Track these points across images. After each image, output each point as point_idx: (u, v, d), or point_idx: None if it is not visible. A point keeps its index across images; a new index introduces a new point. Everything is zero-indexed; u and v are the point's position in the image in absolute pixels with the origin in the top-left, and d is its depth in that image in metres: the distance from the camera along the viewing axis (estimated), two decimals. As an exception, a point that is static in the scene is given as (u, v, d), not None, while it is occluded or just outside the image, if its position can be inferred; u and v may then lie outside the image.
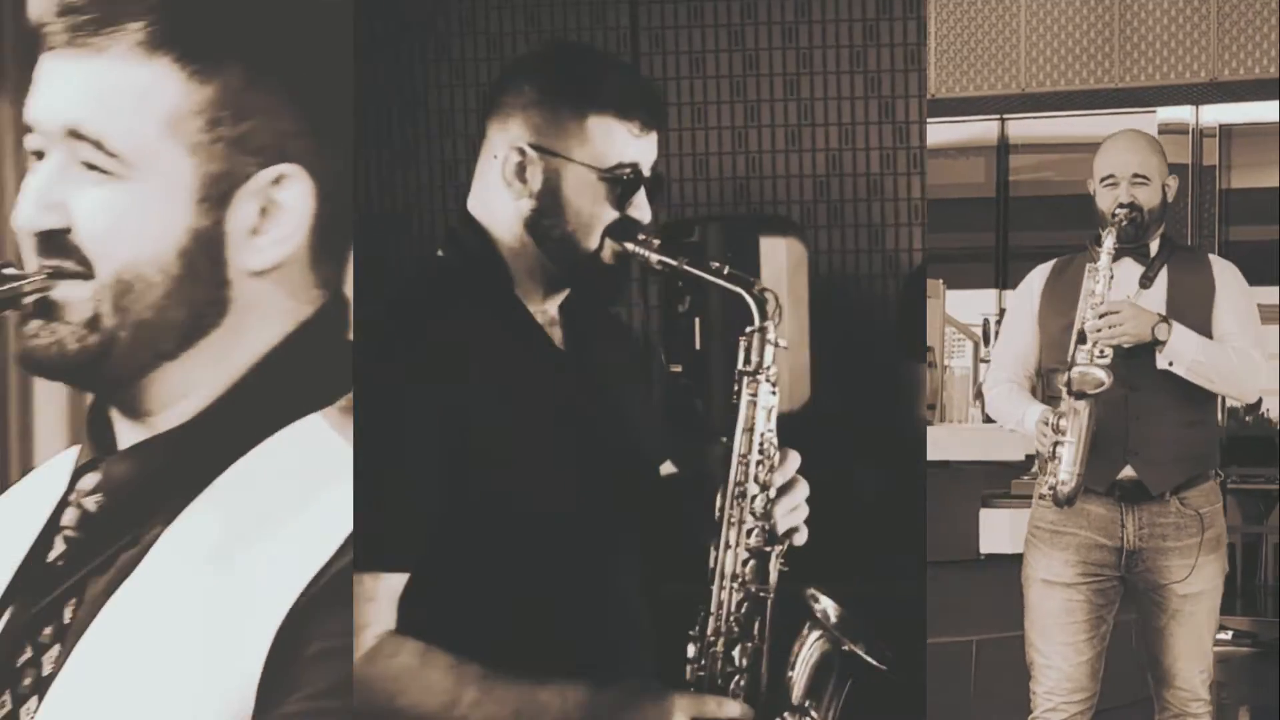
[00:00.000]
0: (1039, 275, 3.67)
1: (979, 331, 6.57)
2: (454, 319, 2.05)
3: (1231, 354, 3.50)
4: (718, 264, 2.12)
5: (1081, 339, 3.40)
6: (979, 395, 6.28)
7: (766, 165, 4.80)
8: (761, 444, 2.05)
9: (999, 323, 6.66)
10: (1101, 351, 3.39)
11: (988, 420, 6.23)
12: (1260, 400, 8.16)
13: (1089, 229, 3.59)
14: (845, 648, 1.96)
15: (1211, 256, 3.64)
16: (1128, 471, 3.50)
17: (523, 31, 4.75)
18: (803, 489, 2.08)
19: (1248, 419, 7.99)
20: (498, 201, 2.10)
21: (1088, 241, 3.56)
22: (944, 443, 4.68)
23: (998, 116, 8.74)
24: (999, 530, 5.11)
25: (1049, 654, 3.56)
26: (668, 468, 2.34)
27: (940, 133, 8.42)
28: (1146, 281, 3.53)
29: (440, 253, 2.15)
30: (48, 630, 1.85)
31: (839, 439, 4.43)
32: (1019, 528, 5.01)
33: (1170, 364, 3.45)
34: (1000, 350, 3.72)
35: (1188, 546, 3.53)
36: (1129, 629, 3.73)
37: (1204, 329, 3.50)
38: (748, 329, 2.10)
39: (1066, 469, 3.40)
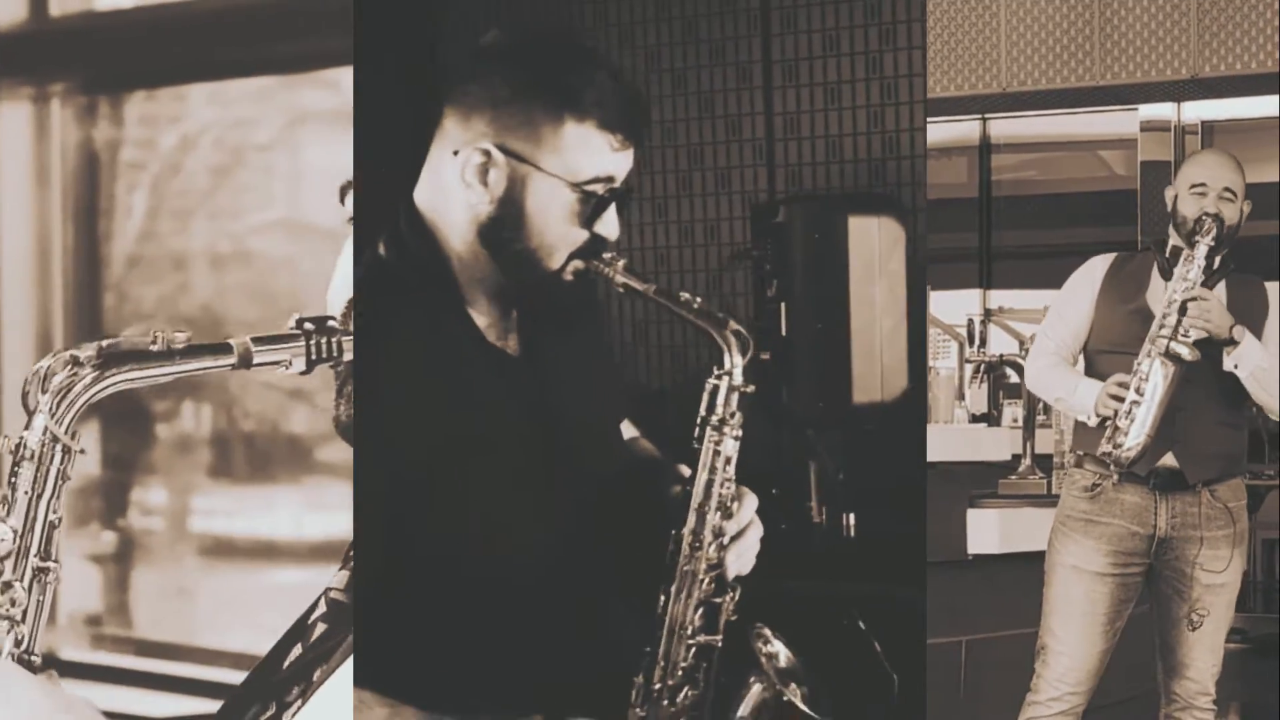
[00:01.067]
0: (1102, 262, 3.79)
1: (963, 332, 6.55)
2: (392, 331, 1.84)
3: None
4: (688, 297, 1.90)
5: (1183, 311, 3.50)
6: (961, 395, 6.27)
7: (904, 144, 4.71)
8: (720, 495, 1.91)
9: (984, 323, 6.67)
10: (1185, 332, 3.51)
11: (974, 420, 6.23)
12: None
13: (1073, 227, 3.70)
14: (785, 698, 1.91)
15: (1268, 284, 3.78)
16: (1168, 460, 3.63)
17: (653, 20, 4.67)
18: (755, 531, 1.96)
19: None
20: (451, 200, 1.89)
21: (1149, 243, 3.75)
22: (930, 444, 4.65)
23: (979, 116, 8.72)
24: (987, 531, 5.09)
25: (1066, 639, 3.64)
26: (628, 429, 2.24)
27: (922, 134, 8.40)
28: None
29: (381, 250, 1.93)
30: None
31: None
32: (1007, 528, 5.01)
33: (1235, 366, 3.60)
34: (1051, 326, 3.80)
35: (1215, 538, 3.66)
36: (1132, 625, 3.75)
37: None
38: (716, 371, 1.90)
39: (1138, 431, 3.51)
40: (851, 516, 4.33)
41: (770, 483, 4.12)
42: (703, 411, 1.90)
